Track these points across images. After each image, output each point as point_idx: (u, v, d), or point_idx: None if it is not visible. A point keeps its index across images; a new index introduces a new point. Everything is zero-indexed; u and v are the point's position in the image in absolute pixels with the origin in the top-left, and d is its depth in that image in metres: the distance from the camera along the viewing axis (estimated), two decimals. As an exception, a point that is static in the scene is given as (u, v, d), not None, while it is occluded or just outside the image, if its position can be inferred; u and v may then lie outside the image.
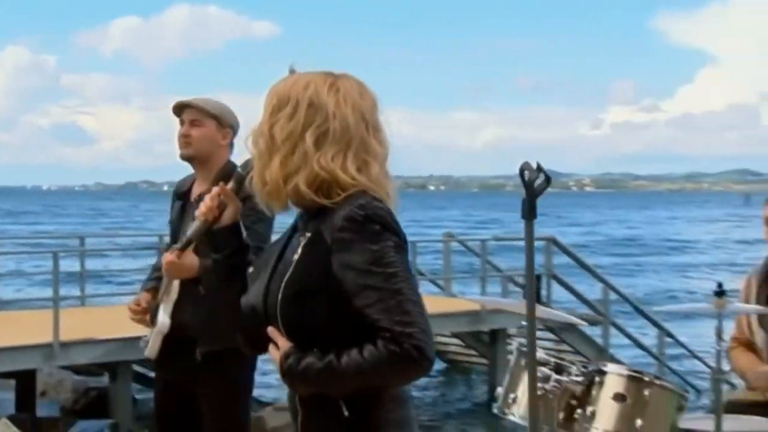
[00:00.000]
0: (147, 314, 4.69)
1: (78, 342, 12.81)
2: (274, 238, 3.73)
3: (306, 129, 2.48)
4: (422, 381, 19.70)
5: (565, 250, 17.75)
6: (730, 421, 4.50)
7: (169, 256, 4.29)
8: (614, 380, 4.30)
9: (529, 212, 2.48)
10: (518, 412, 4.53)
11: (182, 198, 4.78)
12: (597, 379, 4.34)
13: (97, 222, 71.61)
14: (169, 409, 4.83)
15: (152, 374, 15.01)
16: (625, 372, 4.38)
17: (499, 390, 4.56)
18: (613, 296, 17.90)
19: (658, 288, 34.32)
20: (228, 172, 4.52)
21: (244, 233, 2.91)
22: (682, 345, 17.58)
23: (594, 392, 4.36)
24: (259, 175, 2.55)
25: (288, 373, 2.45)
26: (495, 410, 4.63)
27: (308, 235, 2.51)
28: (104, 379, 14.66)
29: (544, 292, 17.77)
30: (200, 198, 4.52)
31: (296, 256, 2.50)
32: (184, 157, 4.69)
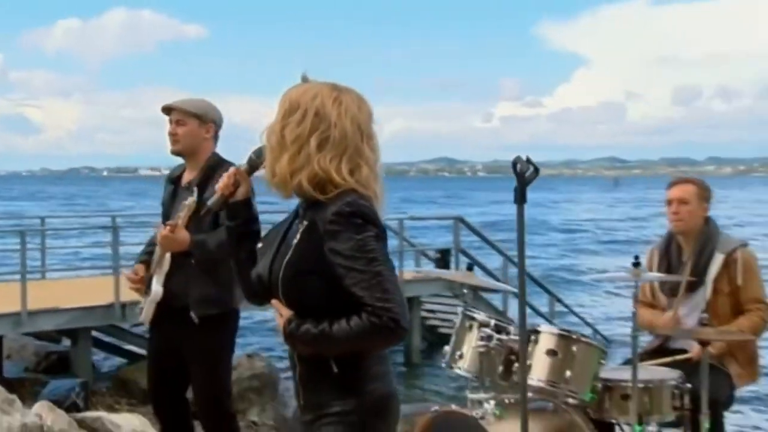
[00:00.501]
0: (143, 284, 4.66)
1: (43, 311, 12.66)
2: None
3: (311, 134, 2.60)
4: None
5: (470, 228, 17.85)
6: (625, 370, 4.61)
7: (163, 231, 4.34)
8: (547, 338, 4.39)
9: (521, 198, 2.59)
10: (464, 366, 4.60)
11: (174, 183, 4.78)
12: (532, 337, 4.40)
13: (45, 203, 69.57)
14: (162, 366, 4.78)
15: (108, 339, 14.86)
16: (556, 331, 4.47)
17: (446, 348, 4.66)
18: (512, 269, 17.74)
19: (554, 265, 34.24)
20: (213, 162, 4.60)
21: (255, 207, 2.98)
22: (569, 309, 17.89)
23: (530, 349, 4.39)
24: (270, 167, 2.67)
25: (289, 336, 2.60)
26: (443, 365, 4.71)
27: (305, 223, 2.65)
28: (63, 344, 14.51)
29: (454, 265, 17.94)
30: (189, 184, 4.59)
31: (295, 241, 2.65)
32: (174, 152, 4.69)
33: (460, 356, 4.62)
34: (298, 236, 2.67)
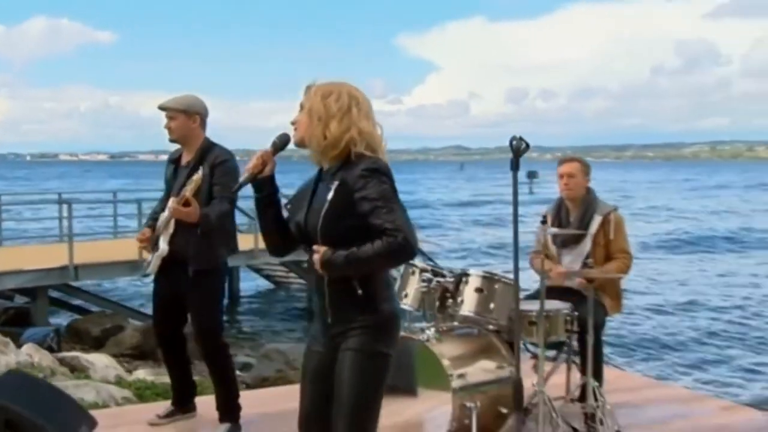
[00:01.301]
0: (150, 242, 4.70)
1: (7, 272, 12.31)
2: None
3: (350, 106, 2.81)
4: (256, 292, 19.51)
5: None
6: (536, 304, 4.67)
7: (174, 204, 4.41)
8: (475, 279, 4.59)
9: (516, 166, 2.84)
10: (408, 302, 4.76)
11: (174, 163, 4.80)
12: (463, 279, 4.61)
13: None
14: (165, 307, 4.81)
15: (65, 298, 14.42)
16: (482, 273, 4.65)
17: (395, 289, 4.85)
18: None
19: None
20: (206, 146, 4.67)
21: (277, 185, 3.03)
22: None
23: (461, 288, 4.62)
24: (320, 134, 2.80)
25: (326, 262, 2.74)
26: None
27: (337, 182, 2.79)
28: (18, 301, 14.06)
29: None
30: (188, 165, 4.66)
31: (330, 196, 2.79)
32: (171, 141, 4.74)
33: (406, 295, 4.76)
34: (332, 192, 2.78)
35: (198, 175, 4.41)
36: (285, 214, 3.07)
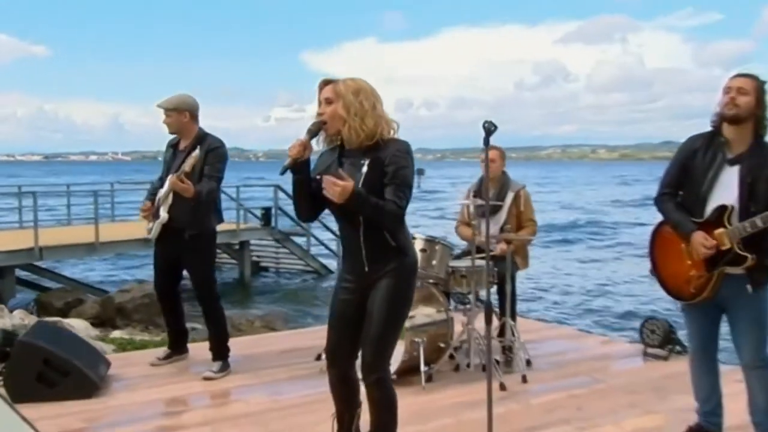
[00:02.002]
0: (150, 212, 4.79)
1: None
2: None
3: (376, 102, 2.93)
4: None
5: (286, 192, 17.66)
6: (461, 261, 5.08)
7: (174, 179, 4.50)
8: (420, 241, 4.82)
9: (487, 143, 3.08)
10: None
11: (173, 148, 4.87)
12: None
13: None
14: (164, 268, 4.89)
15: (30, 278, 13.87)
16: (426, 237, 4.89)
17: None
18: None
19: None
20: (200, 135, 4.75)
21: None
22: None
23: None
24: (359, 125, 2.87)
25: (356, 196, 2.77)
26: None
27: (368, 160, 2.90)
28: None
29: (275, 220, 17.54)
30: (185, 149, 4.72)
31: (364, 170, 2.89)
32: (170, 133, 4.82)
33: None
34: (365, 168, 2.88)
35: (196, 153, 4.52)
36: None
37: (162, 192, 4.73)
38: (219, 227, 4.85)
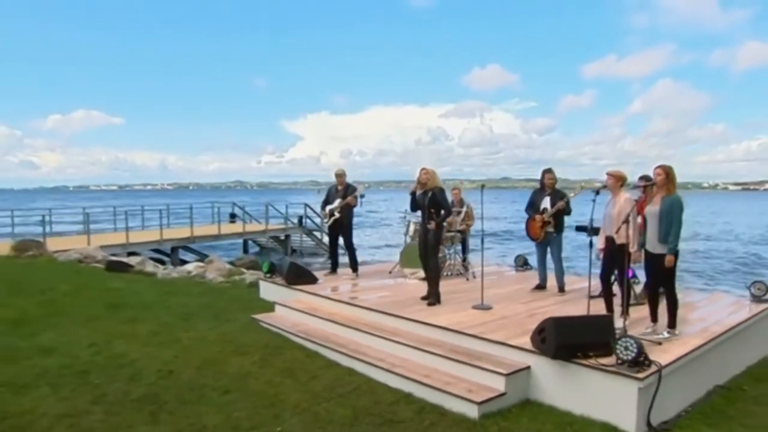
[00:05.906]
0: (328, 214, 10.58)
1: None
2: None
3: (436, 176, 8.08)
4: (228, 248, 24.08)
5: (313, 209, 23.15)
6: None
7: (344, 202, 10.60)
8: (412, 224, 9.64)
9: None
10: (411, 232, 10.71)
11: (334, 189, 10.67)
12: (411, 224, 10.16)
13: None
14: (334, 236, 10.77)
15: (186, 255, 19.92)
16: (414, 222, 9.36)
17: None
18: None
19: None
20: (347, 185, 10.77)
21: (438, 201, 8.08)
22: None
23: (412, 227, 10.68)
24: (435, 185, 8.01)
25: (437, 223, 8.02)
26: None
27: (431, 194, 7.85)
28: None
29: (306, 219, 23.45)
30: (339, 191, 10.75)
31: (429, 195, 7.92)
32: (341, 183, 10.62)
33: (411, 230, 10.78)
34: (430, 194, 7.67)
35: (346, 201, 10.12)
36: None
37: (333, 205, 10.29)
38: (271, 226, 10.07)
